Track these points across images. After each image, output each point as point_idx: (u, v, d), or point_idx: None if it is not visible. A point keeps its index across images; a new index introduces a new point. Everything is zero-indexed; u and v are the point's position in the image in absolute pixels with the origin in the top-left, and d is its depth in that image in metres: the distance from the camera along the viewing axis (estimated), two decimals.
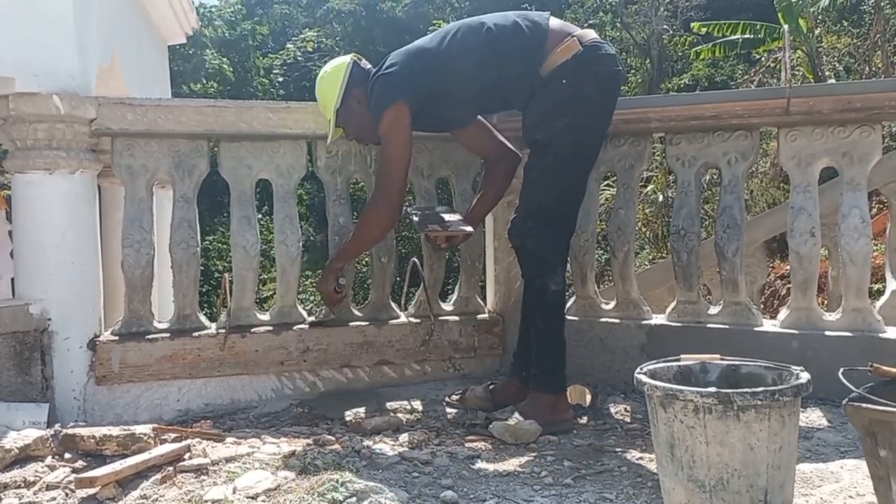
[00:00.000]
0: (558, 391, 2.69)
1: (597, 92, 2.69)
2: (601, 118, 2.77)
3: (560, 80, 2.64)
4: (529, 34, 2.71)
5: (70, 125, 2.89)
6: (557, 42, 2.67)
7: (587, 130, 2.72)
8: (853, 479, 2.03)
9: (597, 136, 2.79)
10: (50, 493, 2.04)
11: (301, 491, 1.93)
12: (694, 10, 16.14)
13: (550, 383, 2.69)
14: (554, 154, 2.68)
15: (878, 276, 4.55)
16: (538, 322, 2.73)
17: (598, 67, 2.69)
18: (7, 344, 2.79)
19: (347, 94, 2.87)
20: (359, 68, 2.91)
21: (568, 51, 2.65)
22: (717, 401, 1.62)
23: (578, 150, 2.72)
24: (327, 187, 3.26)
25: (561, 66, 2.64)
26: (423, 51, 2.82)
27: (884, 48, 11.17)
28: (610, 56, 2.75)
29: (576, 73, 2.64)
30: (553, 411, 2.63)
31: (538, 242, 2.69)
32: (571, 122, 2.65)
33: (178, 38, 6.68)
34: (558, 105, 2.66)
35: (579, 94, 2.65)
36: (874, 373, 1.72)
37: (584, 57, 2.65)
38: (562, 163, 2.69)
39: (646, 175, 6.88)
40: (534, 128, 2.74)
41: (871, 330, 2.79)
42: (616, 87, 2.82)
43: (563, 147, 2.67)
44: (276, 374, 3.11)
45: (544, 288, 2.68)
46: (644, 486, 2.06)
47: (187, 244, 3.04)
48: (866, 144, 2.82)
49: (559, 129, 2.66)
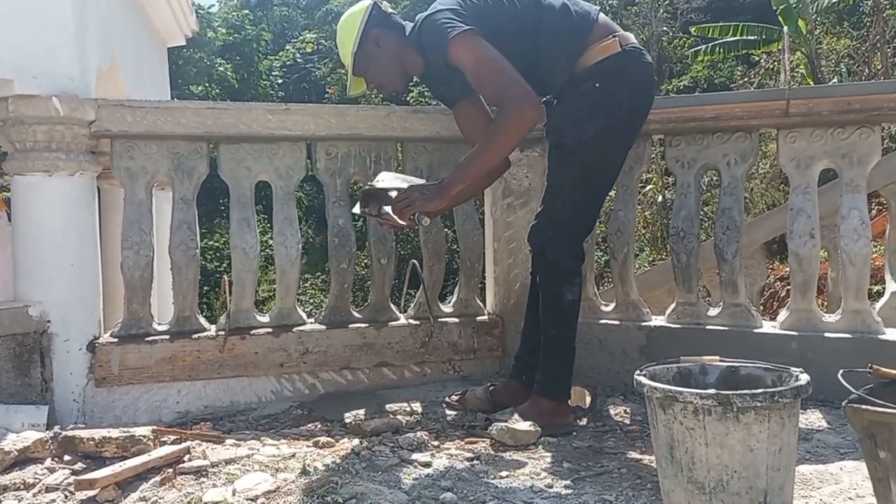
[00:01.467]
0: (561, 398, 2.67)
1: (629, 98, 2.61)
2: (632, 126, 2.69)
3: (593, 82, 2.56)
4: (576, 19, 2.61)
5: (69, 127, 2.89)
6: (600, 38, 2.58)
7: (616, 138, 2.64)
8: (853, 480, 2.03)
9: (624, 145, 2.72)
10: (49, 494, 2.04)
11: (300, 493, 1.93)
12: (693, 12, 16.17)
13: (555, 390, 2.67)
14: (581, 162, 2.60)
15: (878, 278, 4.55)
16: (551, 329, 2.68)
17: (633, 73, 2.62)
18: (6, 346, 2.79)
19: (365, 38, 2.68)
20: (378, 10, 2.72)
21: (607, 50, 2.57)
22: (717, 402, 1.62)
23: (605, 158, 2.65)
24: (327, 189, 3.26)
25: (596, 65, 2.57)
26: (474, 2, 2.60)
27: (883, 50, 11.18)
28: (648, 64, 2.68)
29: (610, 76, 2.56)
30: (554, 416, 2.62)
31: (557, 252, 2.63)
32: (602, 129, 2.57)
33: (178, 40, 6.68)
34: (590, 109, 2.57)
35: (611, 99, 2.57)
36: (874, 374, 1.72)
37: (621, 59, 2.57)
38: (588, 172, 2.62)
39: (644, 177, 6.90)
40: (561, 130, 2.65)
41: (870, 331, 2.79)
42: (649, 97, 2.73)
43: (591, 155, 2.59)
44: (276, 376, 3.11)
45: (561, 296, 2.63)
46: (644, 488, 2.06)
47: (187, 246, 3.04)
48: (865, 146, 2.82)
49: (589, 135, 2.57)
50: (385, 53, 2.73)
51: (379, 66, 2.76)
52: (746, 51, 13.62)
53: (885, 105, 2.76)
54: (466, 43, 2.49)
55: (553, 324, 2.69)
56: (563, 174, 2.65)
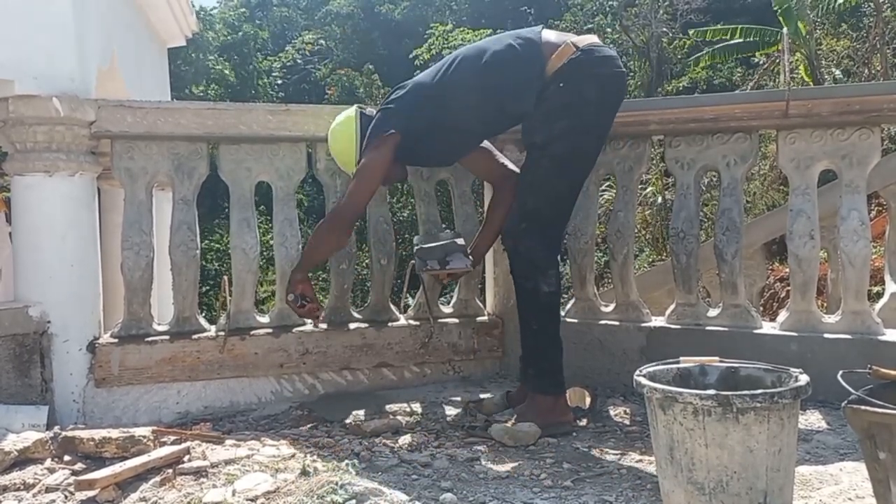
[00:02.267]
0: (557, 392, 2.68)
1: (596, 93, 2.67)
2: (601, 120, 2.74)
3: (557, 83, 2.64)
4: (522, 51, 2.71)
5: (70, 128, 2.89)
6: (553, 50, 2.66)
7: (586, 133, 2.70)
8: (852, 481, 2.03)
9: (596, 139, 2.77)
10: (49, 495, 2.04)
11: (300, 493, 1.93)
12: (693, 13, 16.18)
13: (548, 385, 2.68)
14: (550, 157, 2.67)
15: (878, 279, 4.55)
16: (532, 323, 2.72)
17: (596, 68, 2.67)
18: (6, 346, 2.79)
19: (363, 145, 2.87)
20: (365, 117, 2.91)
21: (563, 55, 2.64)
22: (717, 403, 1.62)
23: (576, 153, 2.70)
24: (327, 189, 3.26)
25: (557, 71, 2.64)
26: (419, 85, 2.85)
27: (882, 51, 11.19)
28: (609, 57, 2.73)
29: (573, 76, 2.63)
30: (552, 413, 2.63)
31: (530, 245, 2.67)
32: (569, 125, 2.64)
33: (178, 41, 6.68)
34: (556, 108, 2.65)
35: (578, 95, 2.64)
36: (873, 375, 1.72)
37: (580, 59, 2.64)
38: (558, 166, 2.67)
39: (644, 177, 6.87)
40: (531, 131, 2.73)
41: (870, 332, 2.79)
42: (618, 88, 2.78)
43: (560, 150, 2.66)
44: (276, 377, 3.11)
45: (536, 290, 2.67)
46: (643, 489, 2.06)
47: (187, 246, 3.04)
48: (865, 147, 2.82)
49: (557, 132, 2.64)
50: None
51: None
52: (746, 53, 13.62)
53: (884, 106, 2.76)
54: (375, 148, 2.77)
55: (533, 318, 2.72)
56: (534, 170, 2.72)
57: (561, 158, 2.67)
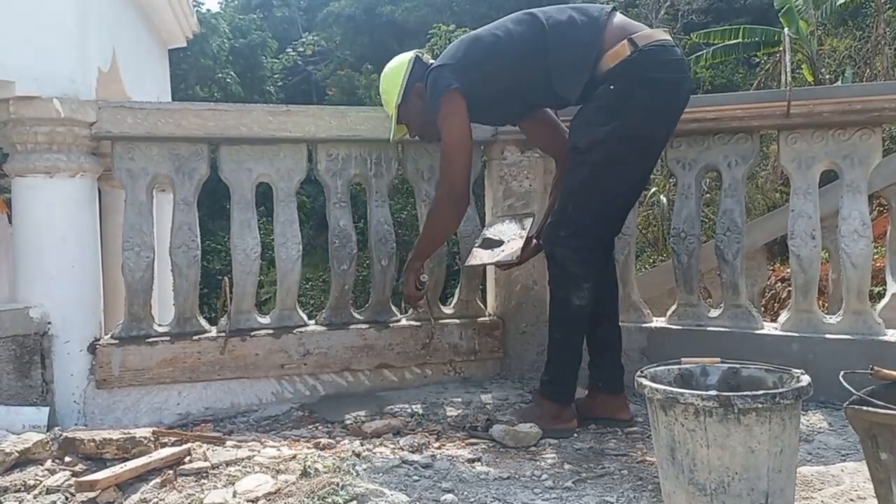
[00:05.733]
0: (564, 401, 2.64)
1: (649, 99, 2.50)
2: (651, 128, 2.57)
3: (608, 84, 2.49)
4: (582, 31, 2.57)
5: (70, 129, 2.89)
6: (611, 44, 2.52)
7: (632, 140, 2.52)
8: (854, 482, 2.03)
9: (645, 148, 2.60)
10: (50, 496, 2.04)
11: (301, 494, 1.93)
12: (694, 14, 16.17)
13: (556, 392, 2.64)
14: (592, 163, 2.53)
15: (879, 279, 4.55)
16: (556, 332, 2.65)
17: (653, 73, 2.50)
18: (7, 347, 2.79)
19: (409, 90, 2.82)
20: (420, 63, 2.84)
21: (617, 56, 2.49)
22: (718, 404, 1.62)
23: (620, 161, 2.54)
24: (328, 190, 3.26)
25: (609, 71, 2.50)
26: (476, 41, 2.74)
27: (884, 51, 11.18)
28: (673, 61, 2.55)
29: (626, 78, 2.48)
30: (556, 419, 2.60)
31: (566, 254, 2.57)
32: (614, 131, 2.48)
33: (179, 42, 6.68)
34: (601, 110, 2.51)
35: (628, 99, 2.48)
36: (875, 376, 1.72)
37: (635, 61, 2.48)
38: (598, 174, 2.54)
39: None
40: (575, 133, 2.60)
41: (871, 333, 2.79)
42: (678, 96, 2.60)
43: (602, 157, 2.51)
44: (277, 378, 3.11)
45: (567, 301, 2.58)
46: (645, 490, 2.06)
47: (188, 248, 3.04)
48: (866, 147, 2.82)
49: (599, 136, 2.50)
50: (425, 105, 2.79)
51: (421, 118, 2.85)
52: (747, 53, 13.62)
53: (885, 106, 2.76)
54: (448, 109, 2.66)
55: (557, 327, 2.66)
56: (575, 176, 2.61)
57: (600, 165, 2.53)
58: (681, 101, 2.62)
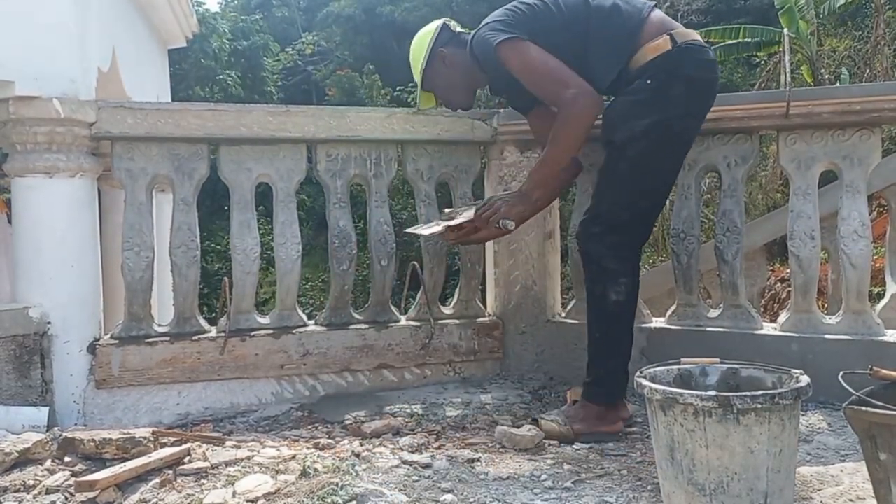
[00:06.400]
0: (607, 403, 2.58)
1: (685, 95, 2.50)
2: (688, 124, 2.58)
3: (645, 79, 2.49)
4: (626, 18, 2.56)
5: (70, 129, 2.90)
6: (651, 37, 2.52)
7: (669, 137, 2.53)
8: (853, 482, 2.03)
9: (679, 145, 2.62)
10: (49, 496, 2.04)
11: (301, 494, 1.93)
12: (694, 14, 16.15)
13: (599, 394, 2.58)
14: (629, 158, 2.52)
15: (878, 280, 4.55)
16: (595, 330, 2.62)
17: (690, 70, 2.52)
18: (7, 347, 2.79)
19: (433, 56, 2.83)
20: (447, 30, 2.87)
21: (657, 49, 2.49)
22: (717, 404, 1.62)
23: (656, 157, 2.54)
24: (327, 190, 3.26)
25: (647, 64, 2.50)
26: (520, 9, 2.65)
27: (883, 51, 11.19)
28: (708, 62, 2.57)
29: (663, 73, 2.48)
30: (601, 420, 2.55)
31: (601, 250, 2.56)
32: (652, 125, 2.47)
33: (179, 42, 6.68)
34: (639, 104, 2.50)
35: (665, 94, 2.48)
36: (874, 376, 1.72)
37: (675, 57, 2.49)
38: (637, 168, 2.52)
39: None
40: (611, 127, 2.58)
41: (871, 333, 2.79)
42: (711, 94, 2.62)
43: (640, 151, 2.50)
44: (276, 378, 3.11)
45: (604, 297, 2.55)
46: (644, 490, 2.06)
47: (187, 248, 3.04)
48: (866, 147, 2.82)
49: (638, 131, 2.48)
50: (451, 70, 2.84)
51: (447, 83, 2.89)
52: (747, 53, 13.62)
53: (885, 107, 2.76)
54: (513, 48, 2.55)
55: (598, 325, 2.62)
56: (611, 171, 2.60)
57: (640, 160, 2.51)
58: (712, 101, 2.65)
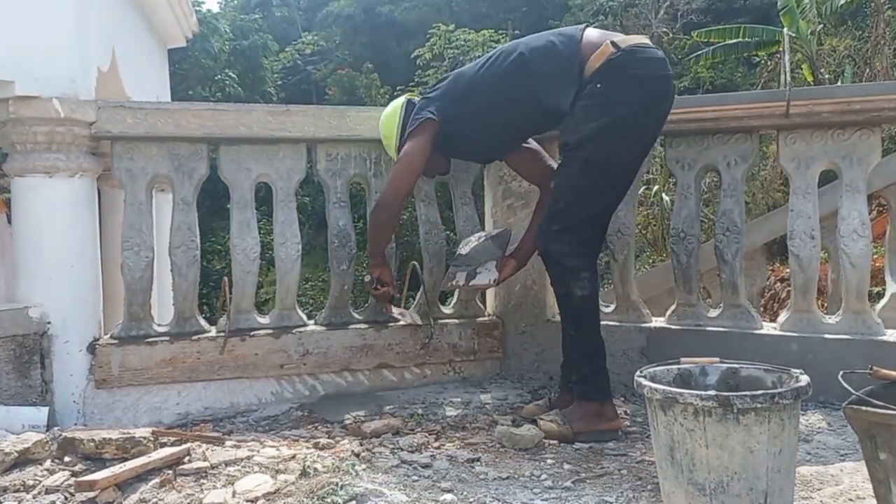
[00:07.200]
0: (602, 398, 2.61)
1: (634, 95, 2.57)
2: (640, 123, 2.63)
3: (595, 83, 2.56)
4: (562, 48, 2.66)
5: (70, 128, 2.90)
6: (593, 50, 2.60)
7: (622, 135, 2.58)
8: (853, 481, 2.03)
9: (633, 143, 2.66)
10: (49, 496, 2.04)
11: (301, 494, 1.93)
12: (694, 14, 16.18)
13: (591, 390, 2.61)
14: (583, 158, 2.58)
15: (878, 279, 4.54)
16: (569, 329, 2.68)
17: (636, 70, 2.57)
18: (7, 347, 2.79)
19: (403, 133, 2.92)
20: (412, 105, 2.96)
21: (602, 55, 2.57)
22: (717, 404, 1.62)
23: (610, 154, 2.59)
24: (327, 190, 3.26)
25: (595, 72, 2.57)
26: (460, 75, 2.89)
27: (883, 51, 11.19)
28: (653, 59, 2.62)
29: (610, 76, 2.55)
30: (598, 419, 2.57)
31: (560, 248, 2.61)
32: (603, 126, 2.54)
33: (179, 42, 6.68)
34: (590, 108, 2.57)
35: (615, 96, 2.55)
36: (874, 376, 1.72)
37: (619, 60, 2.55)
38: (590, 167, 2.59)
39: (646, 177, 6.85)
40: (565, 131, 2.65)
41: (870, 333, 2.79)
42: (662, 91, 2.66)
43: (591, 152, 2.57)
44: (276, 378, 3.11)
45: (569, 294, 2.60)
46: (644, 490, 2.06)
47: (187, 247, 3.04)
48: (865, 147, 2.82)
49: (589, 132, 2.55)
50: None
51: None
52: (747, 52, 13.62)
53: (885, 106, 2.76)
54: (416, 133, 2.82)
55: (568, 322, 2.68)
56: (566, 172, 2.66)
57: (592, 160, 2.58)
58: (668, 96, 2.69)
